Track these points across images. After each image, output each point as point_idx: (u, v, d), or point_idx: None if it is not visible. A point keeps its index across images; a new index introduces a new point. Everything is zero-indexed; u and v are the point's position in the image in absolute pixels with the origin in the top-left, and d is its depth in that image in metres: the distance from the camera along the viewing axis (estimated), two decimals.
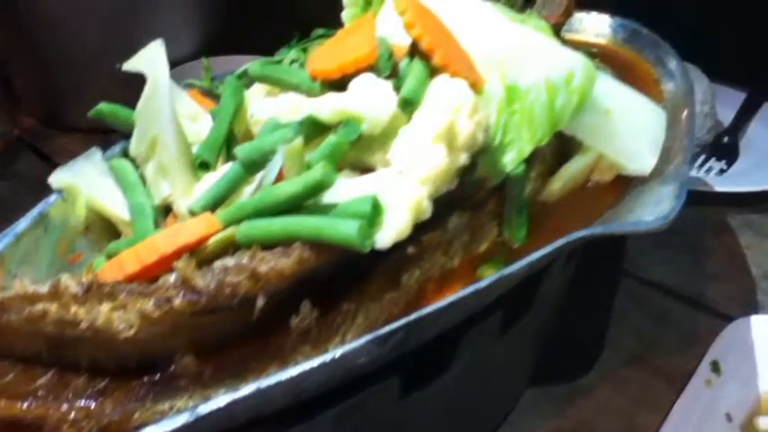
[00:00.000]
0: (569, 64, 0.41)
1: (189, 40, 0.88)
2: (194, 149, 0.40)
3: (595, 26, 0.66)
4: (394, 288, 0.35)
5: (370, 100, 0.34)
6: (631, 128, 0.44)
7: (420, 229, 0.36)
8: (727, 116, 0.91)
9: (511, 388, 0.52)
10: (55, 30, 0.83)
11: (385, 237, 0.31)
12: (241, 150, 0.35)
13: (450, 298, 0.32)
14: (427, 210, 0.33)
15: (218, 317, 0.30)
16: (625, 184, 0.48)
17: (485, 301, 0.35)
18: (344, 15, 0.48)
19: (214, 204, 0.34)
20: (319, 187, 0.32)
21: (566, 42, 0.62)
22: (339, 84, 0.37)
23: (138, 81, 0.43)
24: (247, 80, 0.43)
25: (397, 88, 0.36)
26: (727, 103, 0.93)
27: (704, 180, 0.81)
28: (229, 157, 0.39)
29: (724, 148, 0.86)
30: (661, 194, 0.42)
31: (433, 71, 0.37)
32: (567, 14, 0.50)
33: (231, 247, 0.32)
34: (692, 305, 0.65)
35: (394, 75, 0.38)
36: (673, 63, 0.58)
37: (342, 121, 0.35)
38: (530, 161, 0.42)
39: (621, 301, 0.66)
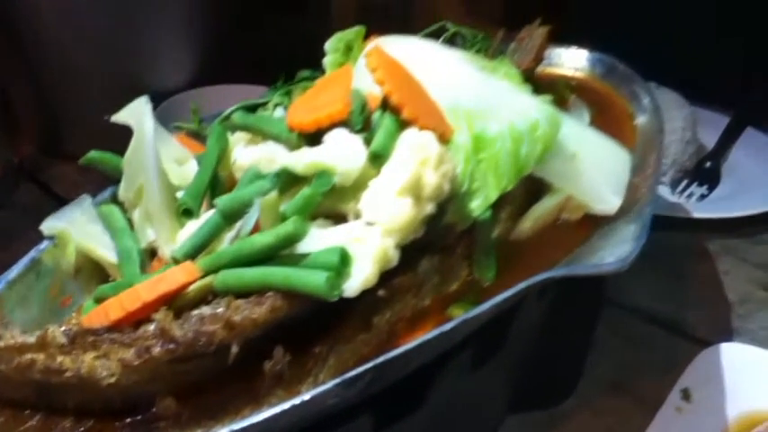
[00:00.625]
0: (534, 113, 0.43)
1: (187, 67, 0.90)
2: (180, 194, 0.42)
3: (574, 60, 0.68)
4: (365, 330, 0.38)
5: (341, 154, 0.37)
6: (597, 170, 0.46)
7: (391, 273, 0.39)
8: (711, 140, 0.93)
9: (488, 418, 0.54)
10: (54, 58, 0.86)
11: (352, 286, 0.33)
12: (221, 201, 0.37)
13: (415, 341, 0.34)
14: (394, 258, 0.35)
15: (196, 363, 0.32)
16: (594, 223, 0.50)
17: (453, 341, 0.37)
18: (326, 62, 0.50)
19: (195, 252, 0.37)
20: (291, 239, 0.34)
21: (543, 78, 0.65)
22: (314, 136, 0.40)
23: None
24: (231, 124, 0.46)
25: (369, 141, 0.38)
26: (712, 127, 0.95)
27: (685, 206, 0.83)
28: (213, 202, 0.41)
29: (706, 172, 0.88)
30: (624, 235, 0.44)
31: (403, 124, 0.39)
32: (538, 60, 0.52)
33: (210, 294, 0.34)
34: (670, 331, 0.66)
35: (366, 128, 0.40)
36: (646, 99, 0.60)
37: (315, 173, 0.37)
38: (499, 203, 0.45)
39: (601, 327, 0.67)
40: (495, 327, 0.46)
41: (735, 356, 0.59)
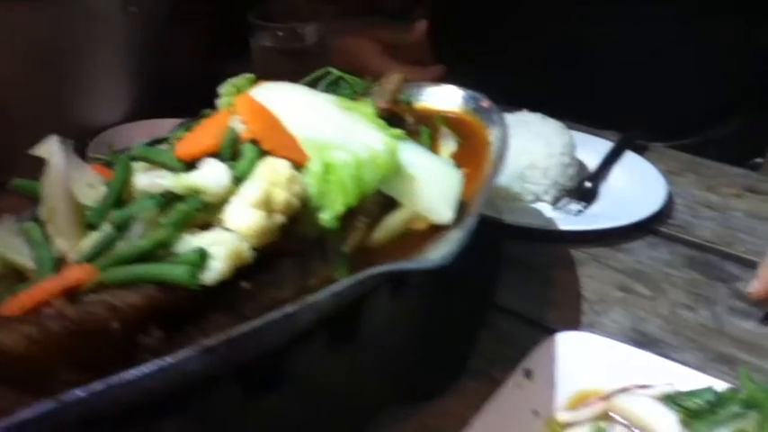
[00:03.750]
0: (378, 144, 0.54)
1: (120, 103, 1.00)
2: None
3: (447, 97, 0.81)
4: (231, 316, 0.48)
5: (210, 177, 0.47)
6: (432, 188, 0.57)
7: (254, 270, 0.49)
8: (594, 162, 1.06)
9: (361, 408, 0.63)
10: None
11: (209, 276, 0.44)
12: (114, 216, 0.47)
13: (263, 319, 0.44)
14: (248, 257, 0.46)
15: (87, 340, 0.42)
16: (437, 232, 0.62)
17: (299, 322, 0.47)
18: (219, 103, 0.61)
19: (93, 256, 0.47)
20: (164, 243, 0.44)
21: (420, 113, 0.77)
22: (193, 163, 0.50)
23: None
24: (133, 155, 0.56)
25: (234, 168, 0.49)
26: (597, 151, 1.08)
27: (561, 220, 0.95)
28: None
29: (585, 191, 1.01)
30: (450, 240, 0.55)
31: (263, 154, 0.50)
32: (393, 101, 0.63)
33: (101, 287, 0.44)
34: (531, 326, 0.78)
35: (235, 157, 0.51)
36: (497, 130, 0.72)
37: (190, 193, 0.48)
38: (354, 215, 0.56)
39: (479, 327, 0.78)
40: (348, 317, 0.56)
41: (576, 343, 0.70)
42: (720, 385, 0.63)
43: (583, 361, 0.68)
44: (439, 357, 0.73)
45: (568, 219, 0.95)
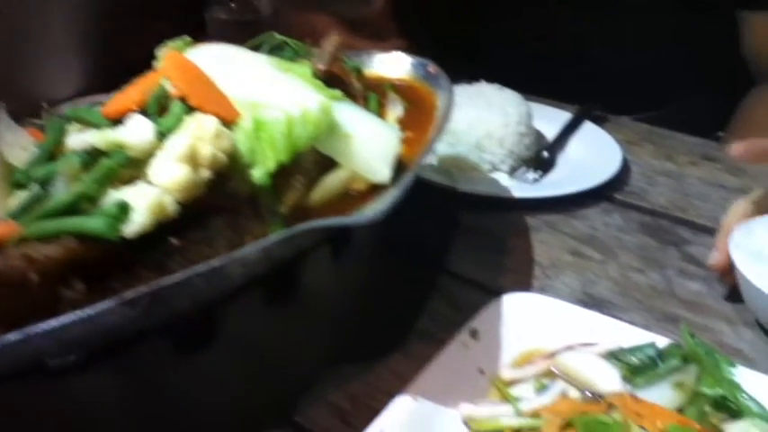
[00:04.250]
0: (310, 103, 0.54)
1: (73, 77, 0.99)
2: None
3: (395, 64, 0.81)
4: (159, 272, 0.48)
5: (134, 133, 0.47)
6: (370, 147, 0.57)
7: (185, 227, 0.49)
8: (553, 133, 1.07)
9: (305, 367, 0.64)
10: None
11: (130, 229, 0.44)
12: (37, 172, 0.47)
13: (187, 271, 0.44)
14: (171, 211, 0.46)
15: (6, 292, 0.42)
16: (377, 191, 0.62)
17: (225, 277, 0.47)
18: (156, 65, 0.61)
19: (21, 213, 0.46)
20: (85, 196, 0.44)
21: (371, 79, 0.76)
22: (121, 121, 0.50)
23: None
24: (66, 116, 0.56)
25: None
26: (556, 122, 1.09)
27: (517, 188, 0.95)
28: None
29: (542, 161, 1.01)
30: (386, 197, 0.55)
31: (192, 110, 0.50)
32: (331, 62, 0.63)
33: (23, 243, 0.44)
34: (482, 290, 0.78)
35: (163, 113, 0.50)
36: (443, 95, 0.72)
37: (114, 148, 0.47)
38: (289, 175, 0.56)
39: (430, 292, 0.79)
40: (287, 275, 0.56)
41: (522, 303, 0.70)
42: (663, 342, 0.64)
43: (529, 321, 0.69)
44: (384, 319, 0.73)
45: (525, 187, 0.96)
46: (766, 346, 0.71)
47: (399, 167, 0.62)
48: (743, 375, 0.61)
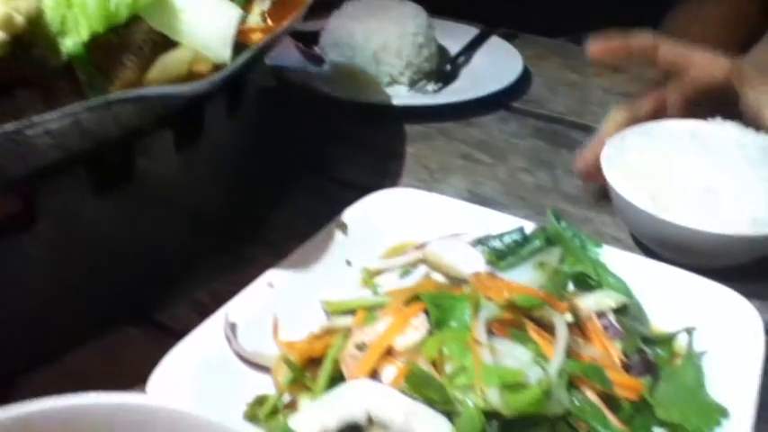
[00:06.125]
0: None
1: None
2: None
3: None
4: None
5: None
6: (208, 25, 0.54)
7: None
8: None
9: (160, 262, 0.61)
10: None
11: None
12: None
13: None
14: None
15: None
16: None
17: (27, 146, 0.44)
18: None
19: None
20: None
21: None
22: None
23: None
24: None
25: None
26: (463, 38, 1.06)
27: (414, 98, 0.93)
28: None
29: (444, 73, 0.99)
30: (220, 72, 0.52)
31: None
32: None
33: None
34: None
35: None
36: None
37: None
38: (119, 52, 0.53)
39: (311, 196, 0.77)
40: (123, 158, 0.54)
41: (394, 198, 0.68)
42: (531, 227, 0.63)
43: (401, 215, 0.67)
44: (255, 217, 0.71)
45: (424, 98, 0.94)
46: None
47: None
48: (609, 255, 0.61)
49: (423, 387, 0.44)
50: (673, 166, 0.63)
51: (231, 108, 0.63)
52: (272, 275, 0.59)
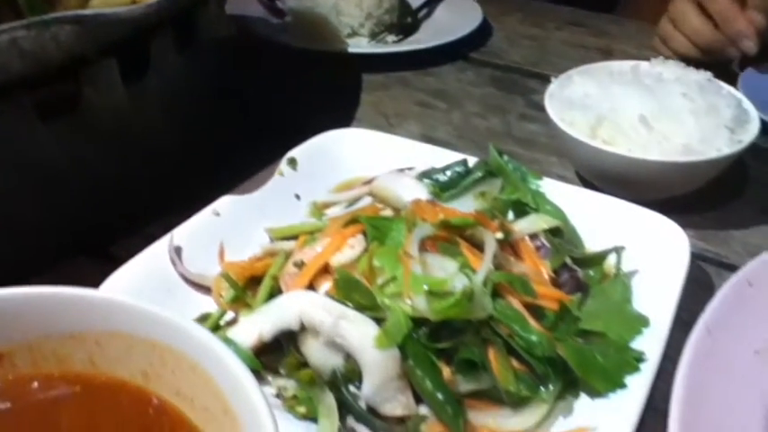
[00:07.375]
0: None
1: None
2: None
3: None
4: None
5: None
6: None
7: None
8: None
9: (110, 195, 0.62)
10: None
11: None
12: None
13: None
14: None
15: None
16: None
17: None
18: None
19: None
20: None
21: None
22: None
23: None
24: None
25: None
26: None
27: (374, 48, 0.95)
28: None
29: (404, 26, 1.00)
30: None
31: None
32: None
33: None
34: None
35: None
36: None
37: None
38: None
39: (269, 141, 0.77)
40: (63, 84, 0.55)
41: (346, 137, 0.70)
42: (473, 162, 0.65)
43: (351, 153, 0.69)
44: (205, 157, 0.71)
45: (383, 48, 0.95)
46: None
47: None
48: (549, 186, 0.63)
49: (352, 292, 0.46)
50: (612, 101, 0.65)
51: (181, 45, 0.64)
52: (219, 205, 0.60)
